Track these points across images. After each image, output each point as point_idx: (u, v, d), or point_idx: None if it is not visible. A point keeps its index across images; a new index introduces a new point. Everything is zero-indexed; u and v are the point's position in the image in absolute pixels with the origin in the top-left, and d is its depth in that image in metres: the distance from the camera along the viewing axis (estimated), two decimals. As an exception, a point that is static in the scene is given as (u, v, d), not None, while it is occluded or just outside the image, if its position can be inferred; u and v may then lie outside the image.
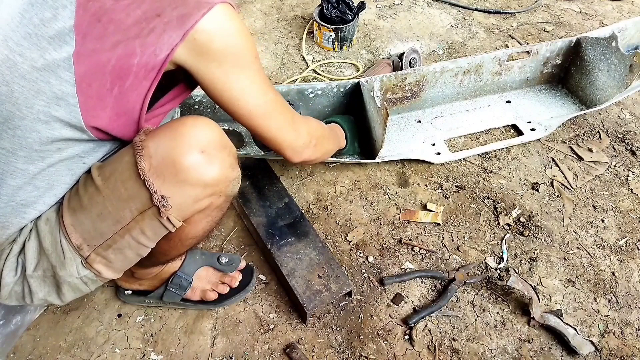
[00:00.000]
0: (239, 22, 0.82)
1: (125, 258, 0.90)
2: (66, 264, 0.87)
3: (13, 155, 0.78)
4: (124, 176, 0.83)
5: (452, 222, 1.41)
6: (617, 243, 1.38)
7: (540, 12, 2.23)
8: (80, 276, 0.90)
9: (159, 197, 0.82)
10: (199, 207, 0.88)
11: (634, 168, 1.57)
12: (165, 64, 0.78)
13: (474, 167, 1.55)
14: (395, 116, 1.64)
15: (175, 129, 0.83)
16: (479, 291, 1.27)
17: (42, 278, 0.91)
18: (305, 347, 1.15)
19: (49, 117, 0.76)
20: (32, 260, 0.89)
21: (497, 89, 1.74)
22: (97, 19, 0.74)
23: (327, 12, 1.89)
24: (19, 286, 0.91)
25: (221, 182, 0.88)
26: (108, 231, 0.86)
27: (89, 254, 0.87)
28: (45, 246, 0.88)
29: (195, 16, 0.77)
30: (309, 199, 1.45)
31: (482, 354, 1.16)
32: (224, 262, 1.20)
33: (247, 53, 0.85)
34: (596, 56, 1.62)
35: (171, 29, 0.76)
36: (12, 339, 1.13)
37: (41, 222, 0.88)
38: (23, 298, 0.93)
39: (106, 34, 0.74)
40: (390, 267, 1.30)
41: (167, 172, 0.81)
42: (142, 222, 0.85)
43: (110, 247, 0.87)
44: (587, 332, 1.20)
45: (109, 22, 0.74)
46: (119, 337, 1.16)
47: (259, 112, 0.93)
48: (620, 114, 1.74)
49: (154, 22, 0.76)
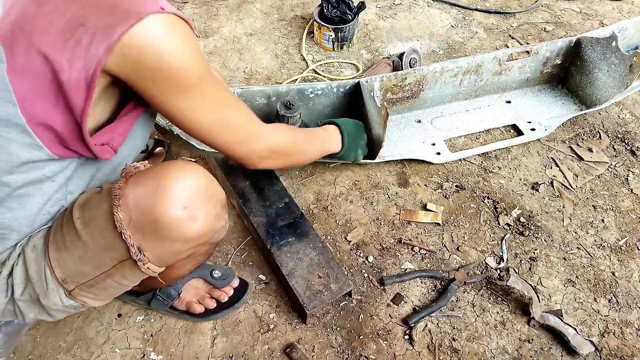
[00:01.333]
0: (177, 38, 0.73)
1: (111, 294, 0.91)
2: (49, 295, 0.87)
3: None
4: (102, 225, 0.80)
5: (452, 222, 1.41)
6: (617, 243, 1.38)
7: (540, 12, 2.23)
8: (65, 305, 0.89)
9: (135, 251, 0.80)
10: (181, 257, 0.86)
11: (634, 168, 1.57)
12: (95, 80, 0.70)
13: (474, 167, 1.55)
14: (395, 116, 1.64)
15: (157, 180, 0.79)
16: (479, 291, 1.27)
17: (29, 302, 0.90)
18: (305, 347, 1.15)
19: (4, 141, 0.72)
20: (19, 285, 0.88)
21: (497, 89, 1.74)
22: (20, 28, 0.68)
23: (327, 12, 1.89)
24: (10, 305, 0.91)
25: (205, 235, 0.84)
26: (90, 274, 0.85)
27: (72, 288, 0.87)
28: (31, 274, 0.86)
29: (120, 27, 0.68)
30: (309, 199, 1.45)
31: (482, 354, 1.16)
32: (216, 276, 1.19)
33: (185, 76, 0.76)
34: (596, 56, 1.62)
35: (97, 42, 0.68)
36: (15, 339, 1.13)
37: (28, 249, 0.87)
38: (15, 315, 0.93)
39: (31, 45, 0.68)
40: (390, 267, 1.30)
41: (147, 227, 0.78)
42: (122, 269, 0.84)
43: (93, 286, 0.87)
44: (587, 332, 1.20)
45: (31, 31, 0.67)
46: (119, 337, 1.16)
47: (202, 130, 0.88)
48: (620, 114, 1.74)
49: (79, 33, 0.68)
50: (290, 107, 1.37)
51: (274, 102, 1.45)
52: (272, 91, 1.44)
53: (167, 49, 0.72)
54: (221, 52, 1.93)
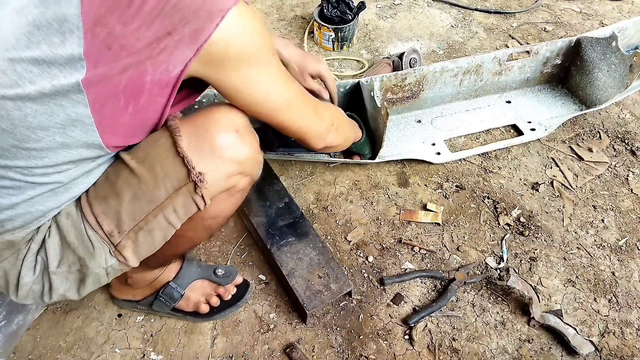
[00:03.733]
0: (253, 20, 0.80)
1: (152, 241, 0.93)
2: (95, 254, 0.90)
3: (29, 173, 0.79)
4: (161, 156, 0.86)
5: (452, 222, 1.41)
6: (617, 243, 1.38)
7: (540, 12, 2.23)
8: (107, 266, 0.92)
9: (196, 173, 0.86)
10: (228, 184, 0.93)
11: (634, 168, 1.57)
12: (180, 79, 0.78)
13: (474, 167, 1.55)
14: (395, 116, 1.65)
15: (208, 112, 0.89)
16: (479, 291, 1.27)
17: (65, 274, 0.92)
18: (305, 347, 1.15)
19: (66, 138, 0.77)
20: (54, 256, 0.90)
21: (497, 89, 1.74)
22: (107, 47, 0.72)
23: (327, 12, 1.89)
24: (37, 285, 0.92)
25: (250, 161, 0.93)
26: (141, 212, 0.89)
27: (119, 240, 0.90)
28: (70, 240, 0.89)
29: (208, 29, 0.74)
30: (309, 198, 1.45)
31: (482, 354, 1.16)
32: (220, 274, 1.19)
33: (264, 50, 0.84)
34: (596, 56, 1.62)
35: (184, 45, 0.75)
36: (14, 339, 1.13)
37: (61, 217, 0.89)
38: (41, 297, 0.94)
39: (118, 60, 0.73)
40: (390, 267, 1.30)
41: (205, 148, 0.85)
42: (175, 199, 0.89)
43: (141, 229, 0.90)
44: (587, 332, 1.20)
45: (120, 49, 0.72)
46: (119, 337, 1.16)
47: (284, 107, 0.94)
48: (620, 114, 1.74)
49: (165, 41, 0.74)
50: None
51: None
52: (272, 91, 1.44)
53: (247, 33, 0.78)
54: (221, 52, 1.93)
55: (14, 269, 0.90)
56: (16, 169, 0.78)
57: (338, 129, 1.12)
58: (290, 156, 1.44)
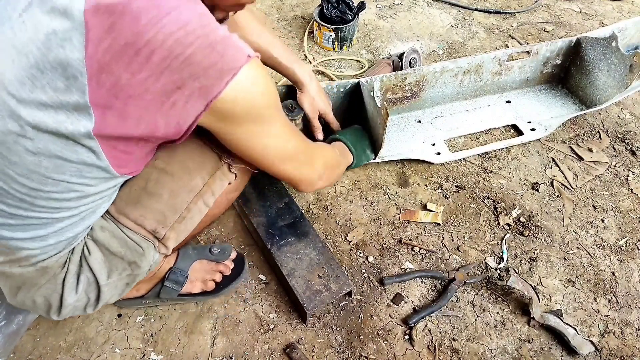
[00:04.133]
0: (262, 79, 0.79)
1: (191, 225, 1.00)
2: (145, 254, 0.95)
3: (54, 211, 0.82)
4: (188, 151, 0.93)
5: (452, 222, 1.41)
6: (617, 243, 1.38)
7: (540, 12, 2.23)
8: (153, 262, 0.98)
9: (226, 155, 0.95)
10: None
11: (634, 168, 1.57)
12: (189, 132, 0.79)
13: (474, 167, 1.55)
14: (395, 116, 1.64)
15: None
16: (479, 291, 1.27)
17: (116, 282, 0.96)
18: (305, 347, 1.15)
19: (83, 179, 0.79)
20: (102, 270, 0.94)
21: (497, 89, 1.74)
22: (114, 96, 0.70)
23: (327, 12, 1.89)
24: (81, 301, 0.95)
25: None
26: (183, 203, 0.95)
27: (164, 233, 0.95)
28: (115, 250, 0.93)
29: (218, 87, 0.73)
30: (309, 198, 1.45)
31: (482, 354, 1.16)
32: (216, 252, 1.22)
33: (269, 110, 0.84)
34: (596, 56, 1.62)
35: (194, 100, 0.74)
36: (14, 339, 1.13)
37: (96, 232, 0.92)
38: (84, 309, 0.97)
39: (126, 111, 0.72)
40: (390, 267, 1.30)
41: None
42: (213, 184, 0.97)
43: (184, 218, 0.97)
44: (587, 332, 1.20)
45: (127, 98, 0.71)
46: (119, 337, 1.17)
47: (281, 160, 0.96)
48: (620, 114, 1.74)
49: (175, 96, 0.72)
50: (293, 110, 1.36)
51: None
52: (272, 91, 1.44)
53: (255, 93, 0.78)
54: (221, 52, 1.93)
55: (55, 293, 0.92)
56: (40, 208, 0.80)
57: (328, 175, 1.13)
58: None
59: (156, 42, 0.68)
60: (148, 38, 0.68)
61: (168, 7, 0.70)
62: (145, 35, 0.68)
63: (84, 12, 0.67)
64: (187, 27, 0.70)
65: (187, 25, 0.70)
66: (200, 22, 0.72)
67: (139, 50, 0.68)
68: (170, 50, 0.69)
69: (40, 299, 0.92)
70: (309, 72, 1.36)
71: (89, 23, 0.67)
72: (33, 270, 0.87)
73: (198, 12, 0.73)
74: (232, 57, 0.74)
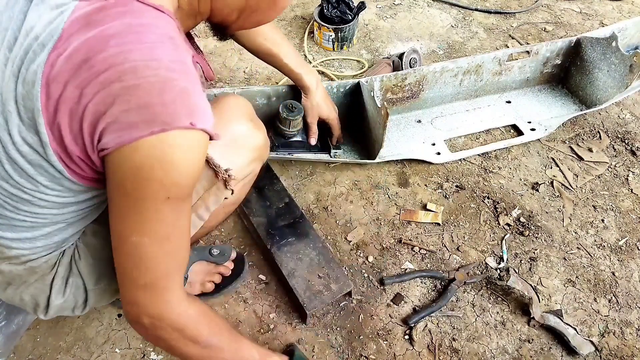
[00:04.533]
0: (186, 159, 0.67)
1: None
2: None
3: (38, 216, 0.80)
4: None
5: (452, 222, 1.41)
6: (617, 243, 1.38)
7: (540, 12, 2.23)
8: None
9: (223, 172, 0.89)
10: (249, 171, 0.99)
11: (634, 168, 1.57)
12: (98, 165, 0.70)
13: (474, 167, 1.55)
14: (395, 116, 1.64)
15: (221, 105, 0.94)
16: (479, 291, 1.27)
17: (104, 288, 0.94)
18: (305, 347, 1.15)
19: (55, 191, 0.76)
20: (90, 275, 0.92)
21: (497, 89, 1.74)
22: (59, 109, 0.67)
23: (327, 12, 1.89)
24: (69, 302, 0.94)
25: (265, 146, 1.00)
26: None
27: None
28: (106, 256, 0.90)
29: (140, 131, 0.64)
30: (309, 199, 1.45)
31: (482, 354, 1.16)
32: (215, 254, 1.22)
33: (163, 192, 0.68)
34: (596, 56, 1.62)
35: (110, 132, 0.65)
36: (14, 339, 1.13)
37: (87, 237, 0.91)
38: (72, 311, 0.96)
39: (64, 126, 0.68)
40: (390, 267, 1.30)
41: (226, 142, 0.87)
42: (207, 199, 0.93)
43: None
44: (587, 332, 1.20)
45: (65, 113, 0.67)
46: (119, 337, 1.16)
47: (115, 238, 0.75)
48: (620, 114, 1.74)
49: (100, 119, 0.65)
50: (293, 110, 1.36)
51: (274, 102, 1.45)
52: (272, 91, 1.44)
53: (165, 170, 0.66)
54: (221, 51, 1.93)
55: (43, 293, 0.91)
56: (24, 212, 0.79)
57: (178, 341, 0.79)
58: (290, 156, 1.44)
59: (113, 62, 0.65)
60: (107, 57, 0.65)
61: (146, 39, 0.67)
62: (106, 54, 0.65)
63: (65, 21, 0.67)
64: (153, 62, 0.66)
65: (154, 61, 0.66)
66: (170, 65, 0.67)
67: (93, 66, 0.65)
68: (121, 73, 0.64)
69: (27, 297, 0.91)
70: (316, 78, 1.36)
71: (64, 32, 0.67)
72: (22, 269, 0.87)
73: (175, 58, 0.68)
74: (173, 113, 0.65)
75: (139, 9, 0.69)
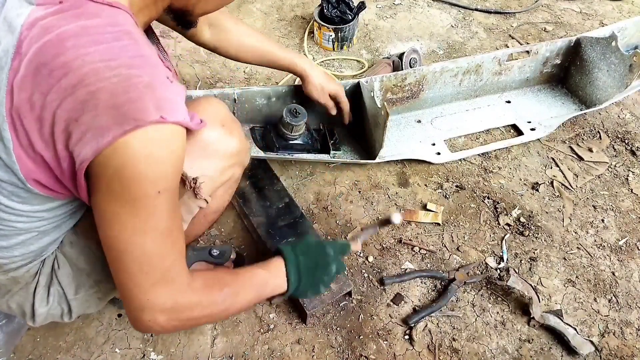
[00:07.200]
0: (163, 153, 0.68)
1: None
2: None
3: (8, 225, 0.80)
4: None
5: (452, 222, 1.41)
6: (617, 243, 1.38)
7: (540, 12, 2.23)
8: None
9: (190, 181, 0.85)
10: (224, 178, 0.93)
11: (634, 168, 1.57)
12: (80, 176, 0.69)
13: (474, 167, 1.55)
14: (395, 116, 1.64)
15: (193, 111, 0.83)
16: (479, 291, 1.27)
17: (85, 297, 0.94)
18: (305, 347, 1.15)
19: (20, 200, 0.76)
20: (70, 285, 0.92)
21: (497, 89, 1.74)
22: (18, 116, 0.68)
23: (327, 12, 1.89)
24: (55, 310, 0.94)
25: (241, 152, 0.93)
26: None
27: None
28: (82, 267, 0.90)
29: (113, 132, 0.64)
30: (309, 199, 1.45)
31: (482, 354, 1.16)
32: (215, 254, 1.21)
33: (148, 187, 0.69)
34: (596, 56, 1.62)
35: (85, 141, 0.65)
36: (15, 338, 1.13)
37: (65, 247, 0.90)
38: (61, 317, 0.96)
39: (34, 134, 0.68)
40: (390, 267, 1.30)
41: (195, 150, 0.82)
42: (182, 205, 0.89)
43: None
44: (587, 332, 1.20)
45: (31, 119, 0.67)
46: (119, 337, 1.16)
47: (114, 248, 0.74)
48: (620, 114, 1.74)
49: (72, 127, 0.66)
50: (297, 115, 1.36)
51: (274, 103, 1.45)
52: (272, 91, 1.44)
53: (147, 164, 0.67)
54: (221, 52, 1.93)
55: (27, 302, 0.91)
56: None
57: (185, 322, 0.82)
58: (290, 157, 1.44)
59: (72, 66, 0.64)
60: (65, 60, 0.65)
61: (103, 39, 0.67)
62: (64, 58, 0.65)
63: (22, 25, 0.67)
64: (112, 62, 0.65)
65: (113, 60, 0.65)
66: (130, 62, 0.66)
67: (53, 71, 0.65)
68: (82, 77, 0.64)
69: (14, 305, 0.92)
70: (309, 62, 1.36)
71: (22, 36, 0.67)
72: (5, 278, 0.87)
73: (135, 53, 0.68)
74: (143, 109, 0.65)
75: (94, 9, 0.69)
